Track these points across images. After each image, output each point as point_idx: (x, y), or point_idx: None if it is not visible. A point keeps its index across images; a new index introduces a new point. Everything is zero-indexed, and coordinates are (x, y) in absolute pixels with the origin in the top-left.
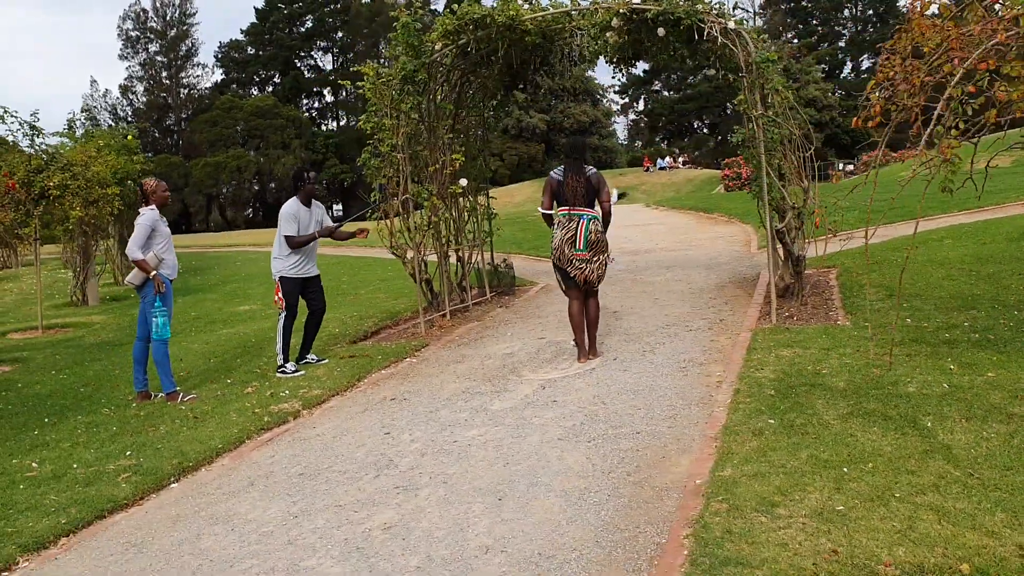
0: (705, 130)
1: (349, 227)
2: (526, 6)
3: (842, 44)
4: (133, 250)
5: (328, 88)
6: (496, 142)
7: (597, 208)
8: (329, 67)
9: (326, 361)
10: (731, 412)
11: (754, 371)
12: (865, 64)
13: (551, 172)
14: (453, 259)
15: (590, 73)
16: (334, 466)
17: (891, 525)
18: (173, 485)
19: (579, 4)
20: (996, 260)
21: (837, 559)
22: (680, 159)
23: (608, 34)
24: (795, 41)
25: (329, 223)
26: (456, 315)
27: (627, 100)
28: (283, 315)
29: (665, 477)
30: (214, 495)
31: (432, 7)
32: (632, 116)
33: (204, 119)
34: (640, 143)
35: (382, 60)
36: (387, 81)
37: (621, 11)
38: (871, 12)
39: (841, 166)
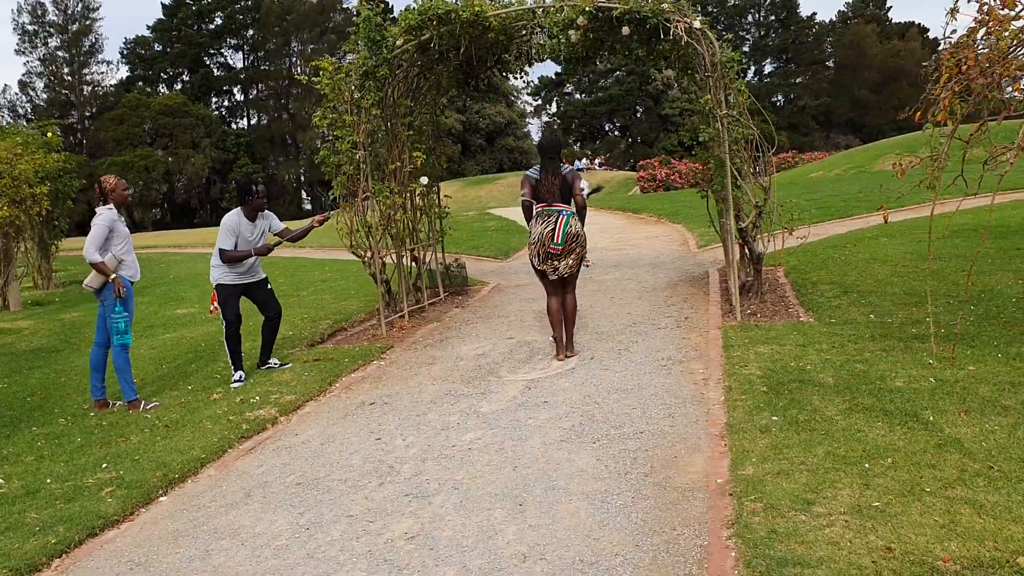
0: (616, 132)
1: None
2: (489, 1)
3: (746, 49)
4: (90, 252)
5: (238, 86)
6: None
7: (573, 205)
8: (240, 65)
9: (289, 365)
10: (730, 410)
11: (739, 368)
12: (768, 68)
13: (527, 171)
14: (407, 259)
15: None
16: (332, 474)
17: (933, 520)
18: (162, 498)
19: (544, 1)
20: (936, 257)
21: (893, 556)
22: (596, 161)
23: (571, 32)
24: None
25: (279, 227)
26: (413, 316)
27: (540, 102)
28: (224, 326)
29: (683, 477)
30: (210, 508)
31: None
32: (545, 118)
33: (110, 117)
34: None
35: (294, 59)
36: (346, 76)
37: (587, 9)
38: (773, 18)
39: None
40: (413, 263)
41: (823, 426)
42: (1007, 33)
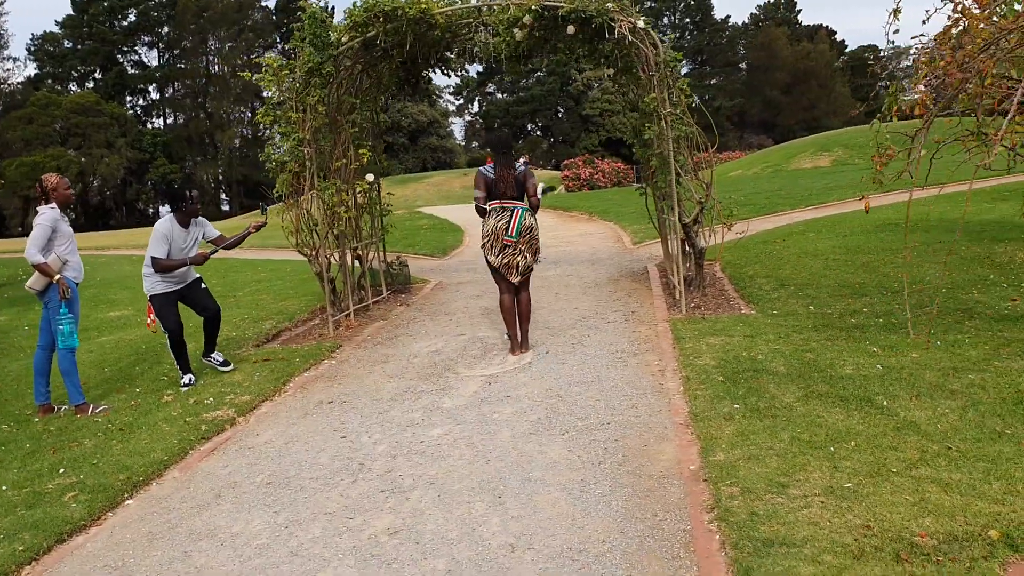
0: (538, 132)
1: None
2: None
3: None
4: (32, 253)
5: (154, 85)
6: None
7: (526, 201)
8: (155, 63)
9: (231, 367)
10: (691, 399)
11: (693, 359)
12: (684, 70)
13: (480, 168)
14: (349, 258)
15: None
16: (302, 473)
17: (904, 499)
18: (128, 502)
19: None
20: (864, 251)
21: (872, 533)
22: (522, 160)
23: (515, 31)
24: None
25: (214, 234)
26: (359, 315)
27: (462, 101)
28: (166, 335)
29: (656, 465)
30: (181, 509)
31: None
32: (468, 117)
33: (17, 116)
34: (477, 144)
35: (211, 57)
36: (291, 73)
37: (533, 7)
38: (688, 20)
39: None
40: (356, 262)
41: (784, 413)
42: (982, 26)
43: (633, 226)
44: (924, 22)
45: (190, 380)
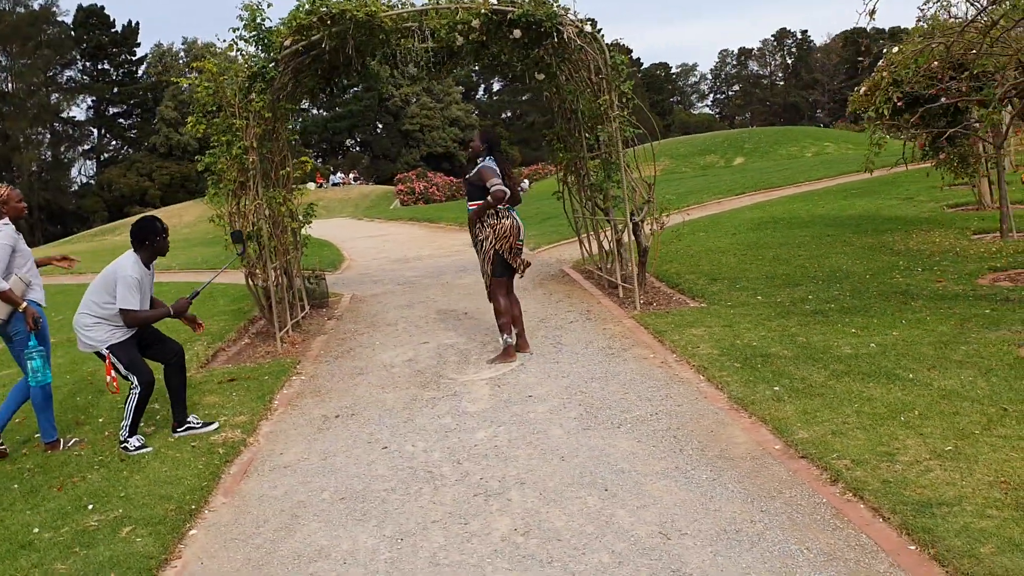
0: (358, 148)
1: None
2: (383, 2)
3: (476, 68)
4: None
5: None
6: (144, 161)
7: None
8: None
9: (215, 425)
10: (722, 386)
11: (692, 349)
12: (496, 86)
13: (486, 162)
14: (275, 273)
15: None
16: (371, 486)
17: (1009, 455)
18: (192, 531)
19: (438, 2)
20: (762, 246)
21: (1012, 487)
22: (351, 175)
23: (456, 35)
24: None
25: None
26: (295, 330)
27: None
28: (136, 391)
29: (737, 448)
30: (263, 534)
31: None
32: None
33: None
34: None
35: (3, 75)
36: (234, 77)
37: (483, 12)
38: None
39: (527, 183)
40: (284, 276)
41: (826, 391)
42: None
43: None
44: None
45: (139, 444)
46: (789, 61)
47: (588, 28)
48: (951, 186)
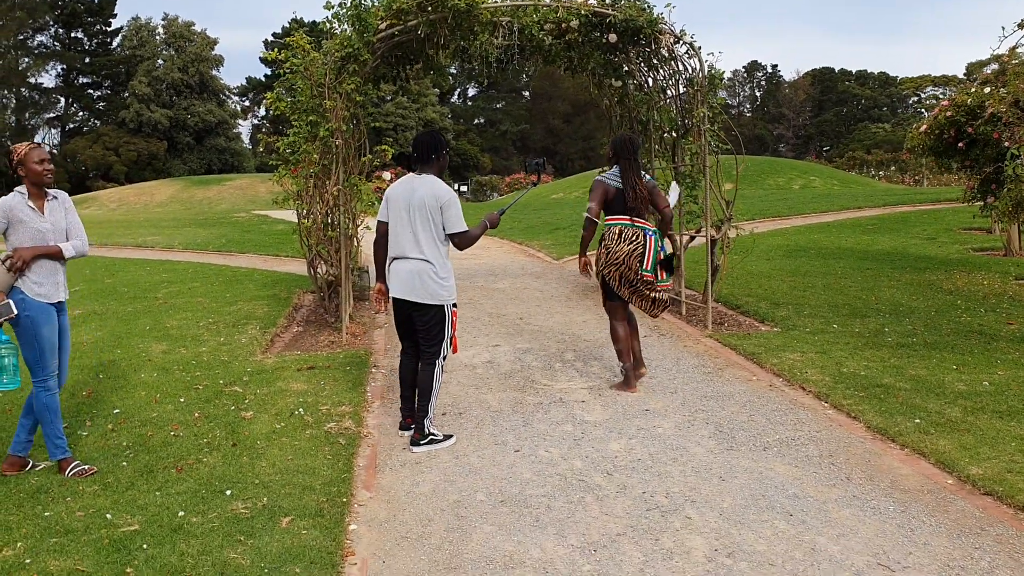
0: None
1: None
2: None
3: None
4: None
5: None
6: (111, 135)
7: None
8: None
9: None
10: (855, 414)
11: (800, 373)
12: (471, 92)
13: (602, 176)
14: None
15: (215, 72)
16: (526, 491)
17: None
18: (352, 526)
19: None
20: (809, 274)
21: None
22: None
23: (544, 35)
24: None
25: None
26: (351, 321)
27: (248, 103)
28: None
29: (907, 481)
30: (433, 534)
31: None
32: (255, 121)
33: None
34: (263, 149)
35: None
36: (325, 57)
37: (583, 12)
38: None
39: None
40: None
41: (972, 428)
42: None
43: (533, 241)
44: None
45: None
46: (758, 94)
47: (688, 38)
48: (966, 230)
